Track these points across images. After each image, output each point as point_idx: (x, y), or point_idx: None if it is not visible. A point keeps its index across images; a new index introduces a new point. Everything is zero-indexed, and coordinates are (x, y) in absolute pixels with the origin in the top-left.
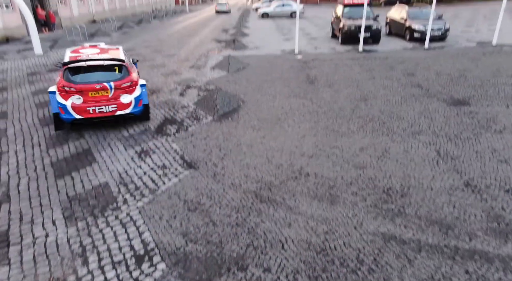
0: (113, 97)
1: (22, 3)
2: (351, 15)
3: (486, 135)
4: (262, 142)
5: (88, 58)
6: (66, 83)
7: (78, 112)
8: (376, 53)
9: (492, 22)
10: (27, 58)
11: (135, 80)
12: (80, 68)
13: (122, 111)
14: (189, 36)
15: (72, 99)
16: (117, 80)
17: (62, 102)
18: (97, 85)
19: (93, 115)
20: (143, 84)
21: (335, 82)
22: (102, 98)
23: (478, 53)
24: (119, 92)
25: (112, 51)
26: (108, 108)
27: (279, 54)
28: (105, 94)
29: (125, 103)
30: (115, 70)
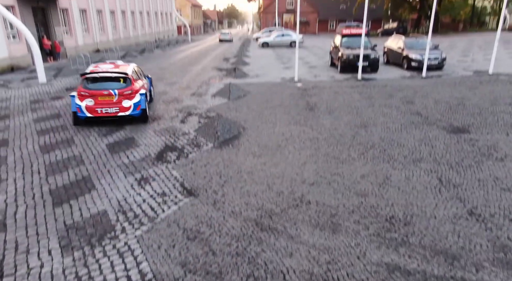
0: (117, 102)
1: (28, 34)
2: (350, 45)
3: (487, 163)
4: (262, 169)
5: (101, 71)
6: (82, 89)
7: (89, 112)
8: (375, 81)
9: (487, 52)
10: (30, 87)
11: (135, 89)
12: (95, 78)
13: (123, 113)
14: (190, 65)
15: (86, 102)
16: (121, 88)
17: (79, 103)
18: (105, 92)
19: (100, 114)
20: (143, 93)
21: (335, 109)
22: (108, 102)
23: (475, 82)
24: (122, 98)
25: (123, 67)
26: (112, 110)
27: (279, 82)
28: (110, 99)
29: (125, 106)
30: (120, 81)
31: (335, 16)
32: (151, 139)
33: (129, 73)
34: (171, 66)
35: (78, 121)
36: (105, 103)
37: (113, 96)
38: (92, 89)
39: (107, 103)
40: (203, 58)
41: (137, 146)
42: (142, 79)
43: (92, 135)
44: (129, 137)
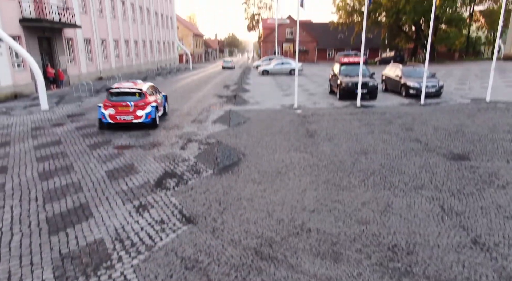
0: (132, 111)
1: (33, 63)
2: (348, 73)
3: (489, 191)
4: (262, 196)
5: (122, 87)
6: (106, 101)
7: (111, 119)
8: (374, 108)
9: (483, 81)
10: (32, 114)
11: (148, 102)
12: (117, 92)
13: (137, 120)
14: (191, 92)
15: (109, 111)
16: (136, 101)
17: (103, 112)
18: (123, 103)
19: (119, 121)
20: (154, 105)
21: (334, 136)
22: (126, 111)
23: (473, 109)
24: (137, 108)
25: (140, 85)
26: (128, 117)
27: (279, 108)
28: (127, 109)
29: (139, 115)
30: (136, 95)
31: (333, 45)
32: (150, 166)
33: (144, 89)
34: (173, 93)
35: (102, 126)
36: (123, 112)
37: (130, 107)
38: (114, 101)
39: (125, 112)
40: (204, 86)
41: (136, 173)
42: (155, 95)
43: (92, 162)
44: (128, 164)
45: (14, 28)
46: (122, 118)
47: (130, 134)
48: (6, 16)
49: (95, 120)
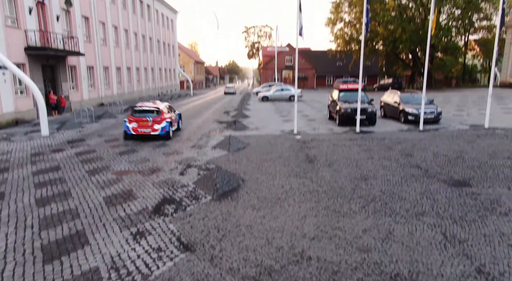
0: (151, 125)
1: (37, 91)
2: (347, 99)
3: (491, 218)
4: (262, 222)
5: (144, 105)
6: (130, 116)
7: (134, 131)
8: (373, 134)
9: (481, 107)
10: (33, 139)
11: (163, 118)
12: (139, 110)
13: (154, 133)
14: (191, 118)
15: (132, 124)
16: (154, 117)
17: (128, 125)
18: (144, 119)
19: (140, 133)
20: (168, 121)
21: (334, 161)
22: (145, 125)
23: (473, 136)
24: (154, 123)
25: (158, 104)
26: (147, 130)
27: (279, 134)
28: (147, 123)
29: (155, 128)
30: (154, 112)
31: (332, 72)
32: (149, 192)
33: (161, 108)
34: None
35: (127, 137)
36: (143, 126)
37: (149, 122)
38: (136, 116)
39: (145, 126)
40: (204, 112)
41: (134, 199)
42: (171, 113)
43: (90, 187)
44: (127, 189)
45: (19, 56)
46: (142, 130)
47: (130, 160)
48: (12, 44)
49: (95, 146)
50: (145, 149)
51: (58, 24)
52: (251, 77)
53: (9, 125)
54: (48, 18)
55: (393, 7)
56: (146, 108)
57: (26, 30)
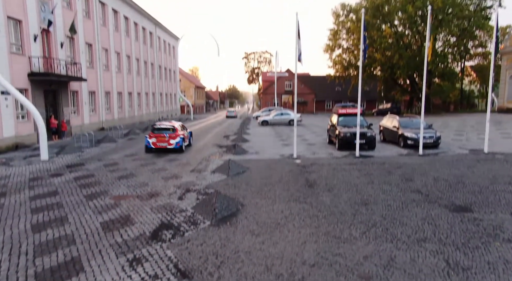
0: (167, 140)
1: (38, 117)
2: (346, 124)
3: (495, 245)
4: (261, 248)
5: (162, 124)
6: (151, 133)
7: (153, 145)
8: (373, 159)
9: (480, 132)
10: (32, 164)
11: (177, 134)
12: (158, 128)
13: (169, 146)
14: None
15: (152, 140)
16: (170, 133)
17: (149, 140)
18: (162, 135)
19: (158, 147)
20: (181, 137)
21: (334, 186)
22: (163, 140)
23: (473, 160)
24: (170, 138)
25: (174, 123)
26: (164, 144)
27: (278, 158)
28: (164, 139)
29: (171, 143)
30: (170, 130)
31: (331, 97)
32: (147, 217)
33: (176, 126)
34: None
35: (148, 150)
36: (161, 141)
37: (165, 137)
38: (156, 133)
39: (162, 141)
40: (204, 136)
41: (132, 224)
42: (183, 131)
43: (87, 213)
44: (124, 214)
45: (22, 81)
46: (160, 144)
47: (128, 184)
48: (16, 70)
49: (94, 170)
50: (145, 173)
51: (62, 51)
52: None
53: (9, 150)
54: (52, 44)
55: (390, 34)
56: (163, 126)
57: (30, 56)
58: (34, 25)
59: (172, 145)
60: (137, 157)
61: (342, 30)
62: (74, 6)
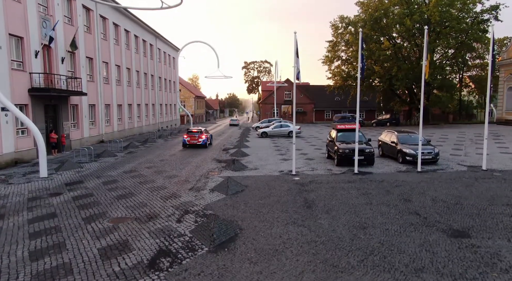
0: (197, 138)
1: (38, 133)
2: (345, 139)
3: (492, 276)
4: (258, 279)
5: (193, 128)
6: (186, 134)
7: (188, 142)
8: (372, 176)
9: (478, 146)
10: (31, 182)
11: (204, 135)
12: (190, 130)
13: (198, 143)
14: (191, 156)
15: (187, 138)
16: (198, 134)
17: (185, 138)
18: (193, 135)
19: (191, 143)
20: (205, 137)
21: (332, 207)
22: (194, 138)
23: (471, 178)
24: (198, 137)
25: (200, 128)
26: (195, 141)
27: (277, 175)
28: (195, 137)
29: (199, 141)
30: (198, 132)
31: (330, 106)
32: (145, 242)
33: (202, 130)
34: (172, 157)
35: (184, 145)
36: (193, 139)
37: (196, 137)
38: (189, 134)
39: (194, 139)
40: (203, 150)
41: (130, 251)
42: (207, 133)
43: (85, 238)
44: (123, 240)
45: (23, 97)
46: (192, 141)
47: (127, 204)
48: (16, 86)
49: (93, 189)
50: (144, 192)
51: (63, 66)
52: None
53: (8, 166)
54: (53, 60)
55: (388, 47)
56: (194, 130)
57: (31, 72)
58: (35, 41)
59: (200, 142)
60: (136, 173)
61: (341, 42)
62: (76, 22)
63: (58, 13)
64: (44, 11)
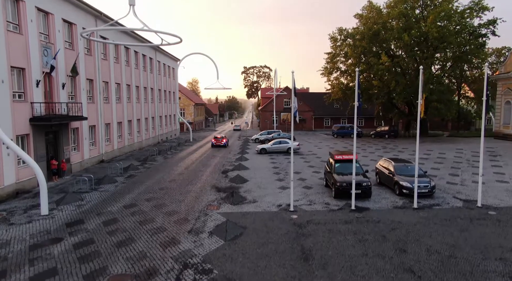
0: (220, 141)
1: (39, 171)
2: (342, 171)
3: None
4: None
5: (217, 135)
6: (213, 138)
7: (215, 144)
8: (368, 213)
9: (475, 169)
10: (32, 221)
11: (225, 139)
12: (216, 136)
13: (222, 144)
14: (190, 183)
15: (214, 141)
16: (222, 138)
17: (213, 141)
18: (218, 139)
19: (217, 144)
20: (226, 141)
21: (329, 260)
22: (219, 141)
23: (466, 219)
24: (222, 140)
25: (223, 134)
26: (219, 144)
27: (275, 211)
28: (219, 140)
29: (222, 142)
30: (222, 137)
31: (329, 114)
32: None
33: (223, 136)
34: (172, 184)
35: (213, 146)
36: (218, 142)
37: (220, 140)
38: (216, 139)
39: (218, 142)
40: (202, 172)
41: None
42: (226, 138)
43: None
44: None
45: (24, 128)
46: (217, 143)
47: (127, 255)
48: (18, 118)
49: (93, 232)
50: (143, 236)
51: (63, 91)
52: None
53: (9, 197)
54: (54, 86)
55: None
56: (218, 136)
57: (32, 102)
58: (36, 71)
59: (222, 143)
60: (136, 208)
61: (340, 53)
62: (76, 46)
63: (59, 40)
64: (45, 39)
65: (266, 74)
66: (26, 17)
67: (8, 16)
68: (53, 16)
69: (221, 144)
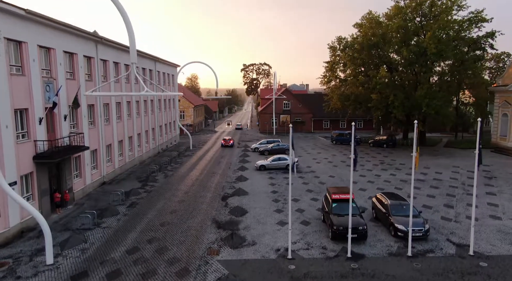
0: (228, 142)
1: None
2: (339, 211)
3: None
4: None
5: (225, 136)
6: (223, 140)
7: (224, 144)
8: (363, 263)
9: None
10: (38, 274)
11: (231, 140)
12: (225, 138)
13: (229, 144)
14: (190, 216)
15: (223, 142)
16: (230, 140)
17: (222, 142)
18: (227, 141)
19: (225, 145)
20: (233, 142)
21: None
22: (227, 142)
23: (457, 273)
24: (229, 141)
25: (230, 137)
26: (227, 144)
27: (273, 259)
28: (227, 142)
29: (229, 143)
30: (229, 139)
31: (329, 116)
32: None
33: (230, 138)
34: (173, 217)
35: (222, 146)
36: (226, 143)
37: (228, 142)
38: (224, 140)
39: (227, 143)
40: (203, 198)
41: None
42: (232, 140)
43: None
44: None
45: (28, 166)
46: (226, 144)
47: None
48: (22, 158)
49: None
50: None
51: (65, 123)
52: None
53: (15, 238)
54: (56, 120)
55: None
56: (226, 138)
57: (36, 140)
58: (39, 109)
59: (229, 144)
60: (139, 255)
61: (339, 61)
62: (77, 75)
63: (60, 73)
64: (47, 75)
65: (265, 71)
66: (29, 57)
67: (11, 60)
68: (55, 50)
69: (229, 144)
